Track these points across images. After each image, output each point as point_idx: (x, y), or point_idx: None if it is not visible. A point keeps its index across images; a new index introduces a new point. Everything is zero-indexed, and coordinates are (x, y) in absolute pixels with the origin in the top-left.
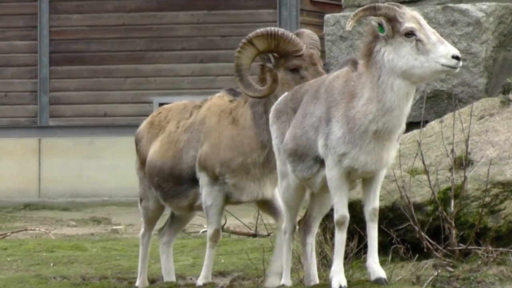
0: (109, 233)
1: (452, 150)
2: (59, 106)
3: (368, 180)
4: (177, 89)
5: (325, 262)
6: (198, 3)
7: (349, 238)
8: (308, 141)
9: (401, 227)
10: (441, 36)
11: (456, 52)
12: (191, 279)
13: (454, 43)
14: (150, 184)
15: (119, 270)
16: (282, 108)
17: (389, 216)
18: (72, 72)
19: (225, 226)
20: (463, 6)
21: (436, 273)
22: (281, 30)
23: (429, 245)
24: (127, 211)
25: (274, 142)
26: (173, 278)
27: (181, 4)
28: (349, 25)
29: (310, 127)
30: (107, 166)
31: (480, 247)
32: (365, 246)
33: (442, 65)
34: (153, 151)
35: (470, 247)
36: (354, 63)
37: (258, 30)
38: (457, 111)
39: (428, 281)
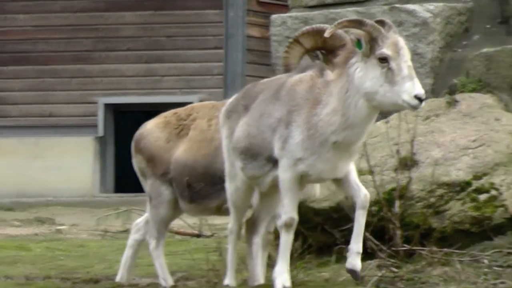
0: (53, 233)
1: (398, 151)
2: (5, 106)
3: (342, 179)
4: (123, 89)
5: (269, 262)
6: (144, 3)
7: (293, 239)
8: (264, 141)
9: (345, 227)
10: None
11: (420, 93)
12: (134, 279)
13: None
14: (165, 180)
15: (63, 270)
16: (233, 108)
17: (334, 217)
18: (18, 72)
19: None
20: (410, 6)
21: (380, 274)
22: (326, 26)
23: (374, 245)
24: (71, 212)
25: (224, 142)
26: (129, 276)
27: (127, 5)
28: (328, 32)
29: (267, 128)
30: (52, 166)
31: (424, 248)
32: (309, 247)
33: (403, 100)
34: (183, 150)
35: (414, 247)
36: (320, 69)
37: (304, 29)
38: (403, 112)
39: (372, 281)
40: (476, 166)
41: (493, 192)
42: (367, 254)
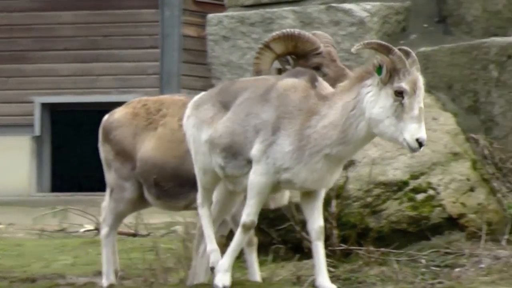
0: None
1: None
2: None
3: (310, 200)
4: (59, 89)
5: None
6: (81, 3)
7: (229, 238)
8: (246, 140)
9: (282, 227)
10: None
11: (422, 137)
12: (71, 278)
13: (337, 43)
14: (131, 175)
15: (0, 269)
16: (204, 101)
17: (270, 216)
18: None
19: None
20: (346, 6)
21: None
22: (297, 31)
23: (310, 244)
24: (8, 211)
25: (190, 132)
26: (115, 267)
27: (64, 5)
28: (354, 48)
29: (251, 128)
30: None
31: (361, 248)
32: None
33: (404, 139)
34: (151, 147)
35: (351, 247)
36: (312, 79)
37: (274, 34)
38: None
39: (308, 281)
40: (414, 165)
41: (431, 192)
42: (303, 254)
